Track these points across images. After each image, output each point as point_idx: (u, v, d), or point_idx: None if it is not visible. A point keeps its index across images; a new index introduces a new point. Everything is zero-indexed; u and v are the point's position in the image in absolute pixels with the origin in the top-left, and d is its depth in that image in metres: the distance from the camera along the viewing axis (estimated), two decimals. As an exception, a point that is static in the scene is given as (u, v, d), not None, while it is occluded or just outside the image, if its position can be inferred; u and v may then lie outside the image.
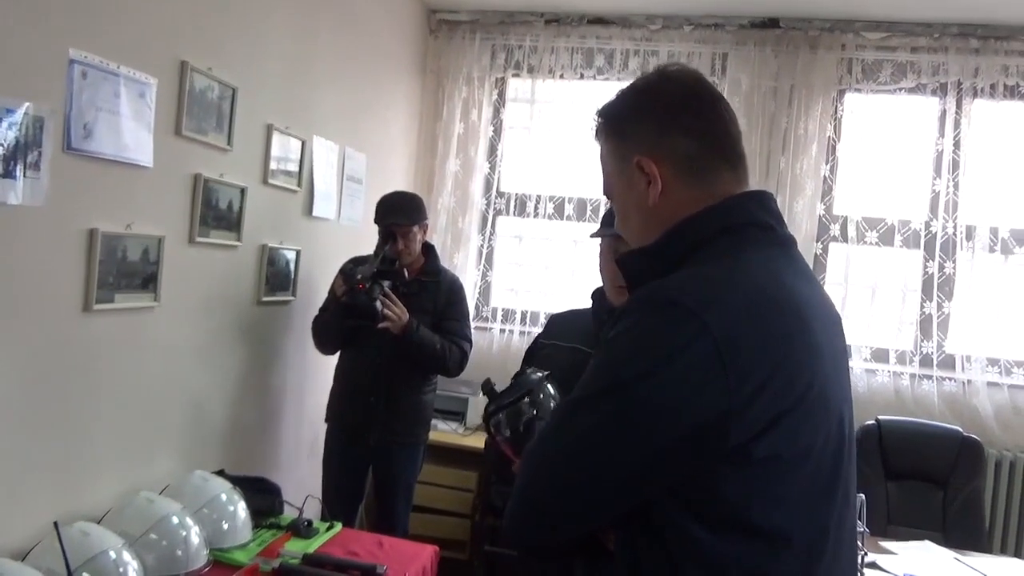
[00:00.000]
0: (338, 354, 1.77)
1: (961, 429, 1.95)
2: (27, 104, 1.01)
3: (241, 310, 1.60)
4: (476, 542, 2.02)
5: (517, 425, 0.88)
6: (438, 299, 1.72)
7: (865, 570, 1.42)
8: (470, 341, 1.77)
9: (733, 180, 0.67)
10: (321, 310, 1.73)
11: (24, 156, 1.01)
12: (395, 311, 1.60)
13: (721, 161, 0.66)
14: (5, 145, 0.99)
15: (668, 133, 0.66)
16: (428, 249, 1.77)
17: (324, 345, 1.74)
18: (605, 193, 0.73)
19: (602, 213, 2.29)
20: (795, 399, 0.59)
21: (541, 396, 0.91)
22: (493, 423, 0.86)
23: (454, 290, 1.78)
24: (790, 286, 0.63)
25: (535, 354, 1.27)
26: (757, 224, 0.65)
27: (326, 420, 1.78)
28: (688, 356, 0.57)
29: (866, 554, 1.43)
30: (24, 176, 1.01)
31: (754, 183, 0.70)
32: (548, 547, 0.66)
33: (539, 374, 0.93)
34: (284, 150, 1.69)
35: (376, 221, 1.72)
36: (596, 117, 0.73)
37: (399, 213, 1.69)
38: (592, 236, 1.19)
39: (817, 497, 0.61)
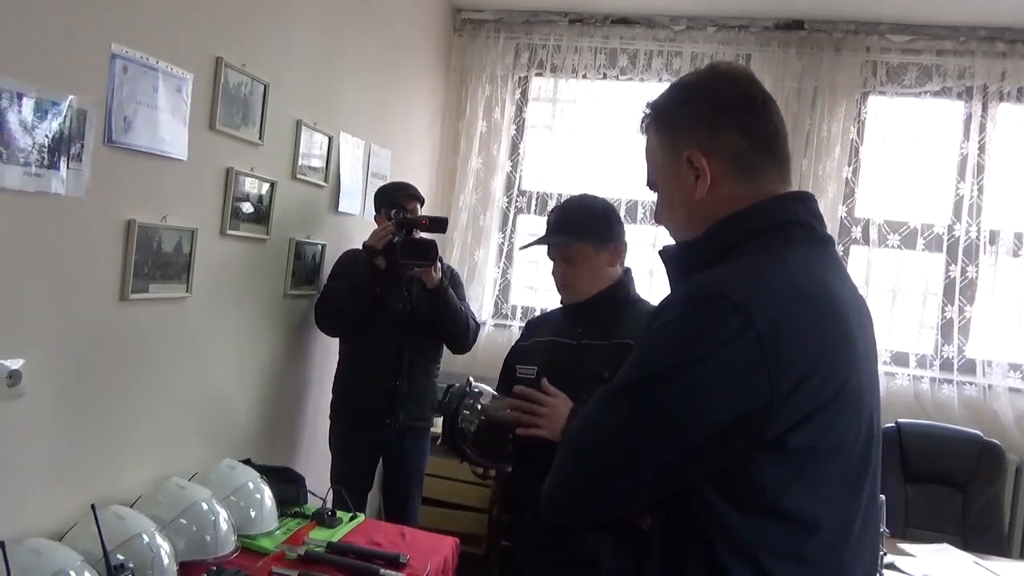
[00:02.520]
0: (341, 345, 1.77)
1: (981, 433, 1.94)
2: (71, 97, 1.04)
3: (269, 302, 1.63)
4: (493, 536, 2.04)
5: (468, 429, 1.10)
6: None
7: (884, 571, 1.42)
8: (476, 321, 1.81)
9: (779, 179, 0.68)
10: (327, 288, 1.73)
11: (68, 148, 1.04)
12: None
13: (768, 160, 0.68)
14: (50, 137, 1.01)
15: (720, 129, 0.67)
16: None
17: (342, 317, 1.69)
18: (648, 185, 0.74)
19: (625, 210, 2.33)
20: (832, 394, 0.61)
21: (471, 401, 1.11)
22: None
23: (454, 274, 1.84)
24: (830, 284, 0.65)
25: (518, 354, 1.32)
26: (800, 223, 0.66)
27: (333, 418, 1.77)
28: (733, 348, 0.59)
29: (885, 554, 1.43)
30: (68, 167, 1.04)
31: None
32: (580, 523, 0.68)
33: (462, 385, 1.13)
34: (312, 146, 1.71)
35: (380, 204, 1.74)
36: (646, 109, 0.74)
37: (404, 190, 1.75)
38: (526, 247, 1.29)
39: (846, 488, 0.63)
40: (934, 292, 2.21)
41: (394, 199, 1.71)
